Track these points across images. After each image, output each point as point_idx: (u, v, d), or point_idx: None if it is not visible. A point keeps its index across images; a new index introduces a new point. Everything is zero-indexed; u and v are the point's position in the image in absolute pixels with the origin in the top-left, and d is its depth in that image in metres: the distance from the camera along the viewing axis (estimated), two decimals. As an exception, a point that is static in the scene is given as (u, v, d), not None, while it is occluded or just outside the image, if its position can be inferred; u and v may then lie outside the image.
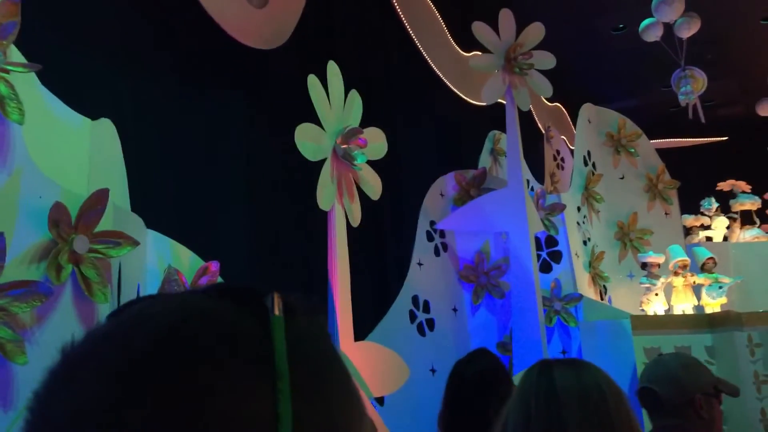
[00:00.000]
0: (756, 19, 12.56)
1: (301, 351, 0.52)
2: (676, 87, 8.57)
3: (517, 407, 1.32)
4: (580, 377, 1.34)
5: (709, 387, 2.00)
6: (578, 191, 7.33)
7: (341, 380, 0.56)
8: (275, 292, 0.55)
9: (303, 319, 0.57)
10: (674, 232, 7.79)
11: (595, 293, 6.99)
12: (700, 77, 8.48)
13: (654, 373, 2.02)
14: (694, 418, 1.89)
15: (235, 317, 0.52)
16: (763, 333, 6.12)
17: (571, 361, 1.45)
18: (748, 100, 15.51)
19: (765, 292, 7.38)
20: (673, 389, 1.91)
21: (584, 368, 1.39)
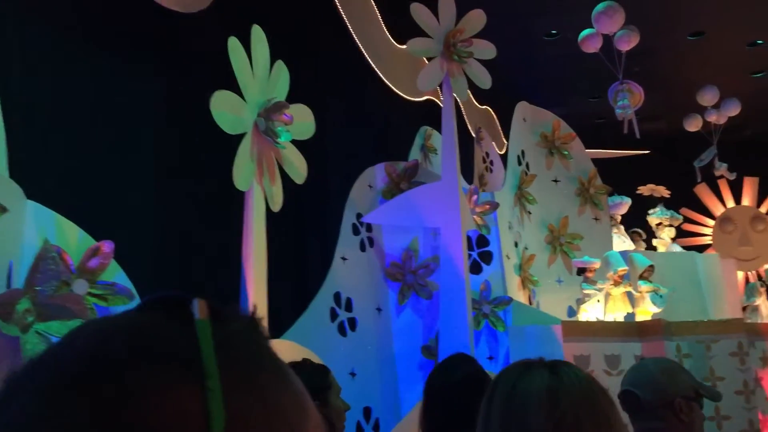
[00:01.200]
0: (683, 35, 12.79)
1: (231, 351, 0.53)
2: (613, 100, 8.47)
3: (487, 410, 1.28)
4: (550, 380, 1.30)
5: (690, 391, 2.02)
6: (511, 191, 7.07)
7: (278, 377, 0.56)
8: (200, 298, 0.54)
9: (235, 323, 0.57)
10: (603, 238, 7.65)
11: (524, 297, 6.74)
12: (637, 92, 8.42)
13: (635, 377, 2.05)
14: (674, 422, 1.92)
15: (160, 326, 0.54)
16: (691, 343, 6.00)
17: (546, 363, 1.39)
18: (671, 115, 15.85)
19: (687, 303, 7.34)
20: (654, 393, 1.94)
21: (556, 371, 1.35)
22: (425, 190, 5.75)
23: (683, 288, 7.41)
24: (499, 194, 6.61)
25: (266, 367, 0.55)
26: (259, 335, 0.58)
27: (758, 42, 12.81)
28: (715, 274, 8.51)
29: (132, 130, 4.16)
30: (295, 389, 0.57)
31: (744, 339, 5.96)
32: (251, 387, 0.52)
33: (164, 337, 0.53)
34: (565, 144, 7.74)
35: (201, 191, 4.45)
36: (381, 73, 8.44)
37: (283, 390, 0.55)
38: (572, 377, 1.36)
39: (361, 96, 7.53)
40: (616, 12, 8.59)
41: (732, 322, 6.20)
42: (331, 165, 6.08)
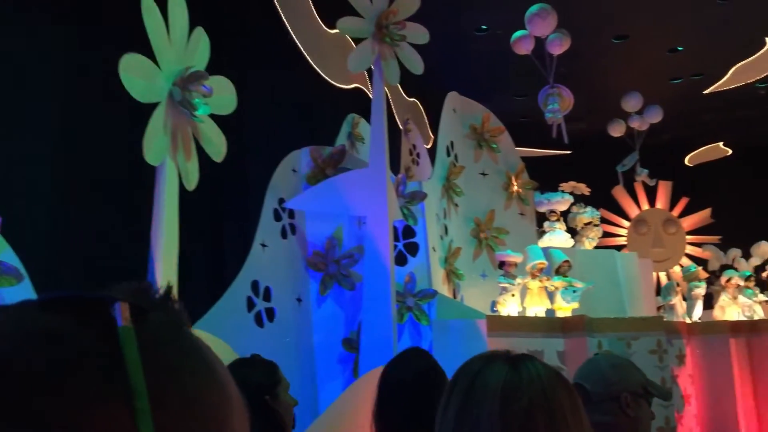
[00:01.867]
0: (608, 38, 13.01)
1: (156, 357, 0.50)
2: (543, 104, 8.44)
3: (445, 403, 1.27)
4: (507, 374, 1.27)
5: (638, 387, 2.05)
6: (439, 182, 6.91)
7: (205, 376, 0.54)
8: (122, 300, 0.49)
9: (155, 319, 0.53)
10: (528, 233, 7.61)
11: (449, 291, 6.60)
12: (567, 96, 8.41)
13: (585, 371, 2.10)
14: (620, 416, 1.97)
15: (76, 335, 0.49)
16: (612, 340, 6.00)
17: (508, 356, 1.35)
18: (593, 117, 16.17)
19: (607, 300, 7.39)
20: (602, 386, 1.99)
21: (515, 365, 1.31)
22: (352, 176, 5.51)
23: (603, 285, 7.45)
24: (427, 185, 6.44)
25: (194, 369, 0.53)
26: (181, 326, 0.55)
27: (678, 48, 13.17)
28: (633, 272, 8.64)
29: (26, 93, 3.73)
30: (220, 383, 0.54)
31: (663, 337, 6.00)
32: (180, 396, 0.50)
33: (85, 351, 0.48)
34: (494, 137, 7.65)
35: (107, 165, 4.06)
36: (309, 56, 8.14)
37: (210, 388, 0.53)
38: (533, 372, 1.32)
39: (287, 78, 7.22)
40: (549, 15, 8.57)
41: (652, 320, 6.25)
42: (252, 146, 5.76)
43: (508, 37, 12.06)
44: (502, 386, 1.25)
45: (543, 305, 6.33)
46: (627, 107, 11.22)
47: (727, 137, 16.98)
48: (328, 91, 8.10)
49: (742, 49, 12.66)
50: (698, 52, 13.05)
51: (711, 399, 6.32)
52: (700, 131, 16.65)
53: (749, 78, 13.63)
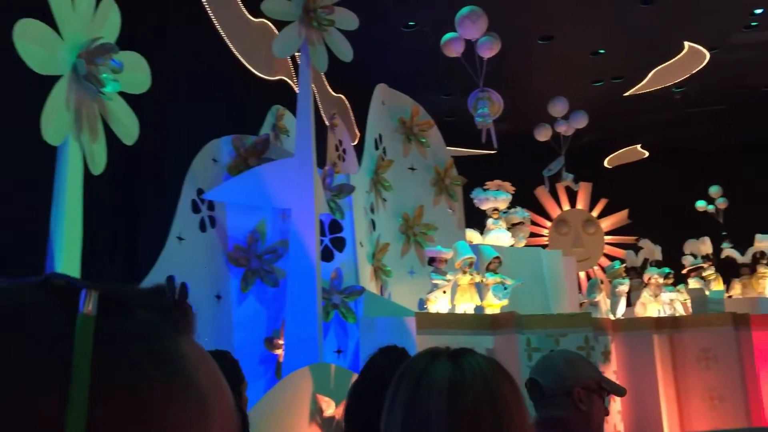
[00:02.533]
0: (534, 38, 13.13)
1: (118, 354, 0.49)
2: (473, 108, 8.31)
3: (391, 400, 1.26)
4: (453, 370, 1.27)
5: (592, 383, 2.08)
6: (367, 175, 6.69)
7: (175, 390, 0.51)
8: (95, 288, 0.48)
9: (140, 317, 0.52)
10: (457, 230, 7.49)
11: (376, 288, 6.39)
12: (497, 101, 8.32)
13: (540, 366, 2.14)
14: (573, 410, 2.00)
15: (48, 315, 0.48)
16: (541, 337, 5.93)
17: (452, 351, 1.35)
18: (517, 117, 16.33)
19: (532, 297, 7.36)
20: (555, 381, 2.02)
21: (460, 360, 1.30)
22: (276, 167, 5.23)
23: (529, 283, 7.42)
24: (355, 178, 6.22)
25: (163, 376, 0.50)
26: (165, 330, 0.53)
27: (600, 51, 13.42)
28: (557, 270, 8.68)
29: None
30: (196, 400, 0.52)
31: (590, 333, 5.98)
32: (132, 397, 0.48)
33: (45, 327, 0.48)
34: (423, 131, 7.50)
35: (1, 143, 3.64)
36: (232, 45, 7.79)
37: (179, 401, 0.51)
38: (474, 367, 1.30)
39: (209, 64, 6.86)
40: (479, 18, 8.48)
41: (580, 317, 6.22)
42: (170, 132, 5.39)
43: (436, 35, 11.98)
44: (448, 384, 1.24)
45: (473, 302, 6.21)
46: (553, 112, 11.30)
47: (644, 140, 17.48)
48: (252, 81, 7.76)
49: (661, 52, 13.00)
50: (620, 55, 13.33)
51: (635, 395, 6.35)
52: (619, 134, 17.08)
53: (668, 81, 14.03)
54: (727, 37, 12.45)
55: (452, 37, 8.41)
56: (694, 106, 15.65)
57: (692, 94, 15.07)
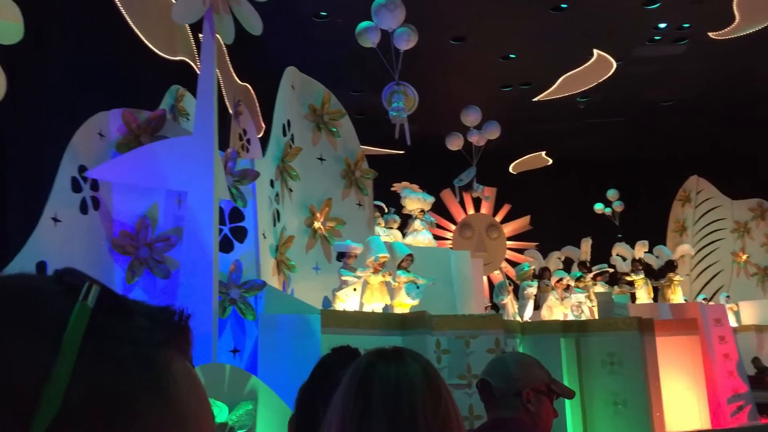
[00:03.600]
0: (447, 38, 13.00)
1: (104, 348, 0.51)
2: (387, 101, 7.95)
3: (338, 401, 1.27)
4: (396, 370, 1.27)
5: (541, 385, 2.10)
6: (274, 162, 6.23)
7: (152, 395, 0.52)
8: (97, 284, 0.52)
9: (137, 324, 0.54)
10: (366, 225, 7.15)
11: (278, 283, 5.94)
12: (412, 96, 8.00)
13: (492, 368, 2.14)
14: (521, 412, 2.02)
15: (48, 298, 0.52)
16: (450, 339, 5.67)
17: (394, 352, 1.35)
18: (426, 118, 16.21)
19: (440, 297, 7.14)
20: (506, 382, 2.03)
21: (402, 360, 1.31)
22: (172, 144, 4.70)
23: (436, 283, 7.18)
24: (260, 164, 5.75)
25: (143, 379, 0.52)
26: (161, 343, 0.54)
27: (511, 56, 13.47)
28: (465, 271, 8.52)
29: None
30: (179, 411, 0.54)
31: (501, 335, 5.77)
32: (111, 393, 0.50)
33: (47, 311, 0.51)
34: (334, 120, 7.11)
35: None
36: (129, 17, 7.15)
37: (156, 408, 0.52)
38: (418, 367, 1.35)
39: (103, 31, 6.20)
40: (397, 7, 8.15)
41: (491, 318, 6.00)
42: (50, 98, 4.75)
43: (348, 27, 11.63)
44: (427, 381, 1.27)
45: (383, 301, 5.88)
46: (466, 121, 11.12)
47: (549, 147, 17.80)
48: (150, 57, 7.14)
49: (570, 59, 13.18)
50: (529, 61, 13.42)
51: (541, 399, 6.20)
52: (524, 140, 17.30)
53: (576, 89, 14.26)
54: (631, 49, 12.76)
55: (368, 26, 8.06)
56: (596, 117, 16.05)
57: (595, 105, 15.43)
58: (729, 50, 12.48)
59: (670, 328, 6.93)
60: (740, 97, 14.59)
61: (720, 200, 16.80)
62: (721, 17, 11.33)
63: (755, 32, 11.59)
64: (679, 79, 13.95)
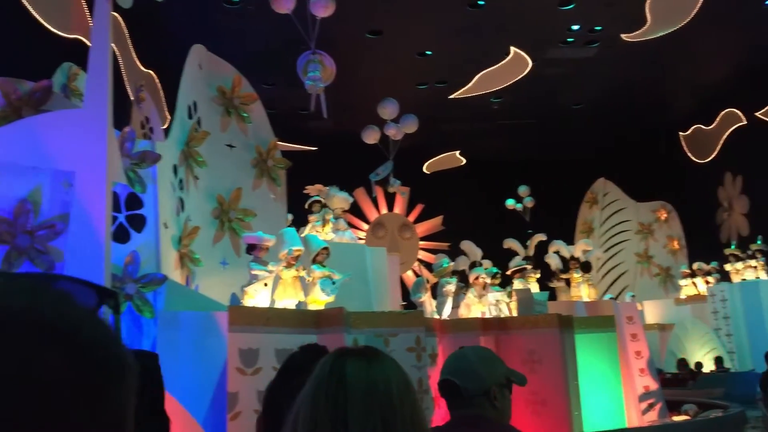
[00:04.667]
0: (363, 31, 12.68)
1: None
2: (303, 71, 7.46)
3: (308, 399, 1.24)
4: (369, 369, 1.25)
5: (503, 378, 2.07)
6: (178, 146, 5.69)
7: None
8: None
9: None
10: (278, 218, 6.70)
11: (181, 277, 5.42)
12: (329, 66, 7.55)
13: (456, 366, 2.05)
14: (489, 408, 2.00)
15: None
16: (369, 337, 5.31)
17: (365, 354, 1.30)
18: (340, 115, 15.82)
19: (355, 294, 6.81)
20: (473, 381, 1.99)
21: (376, 359, 1.29)
22: (58, 118, 4.14)
23: (352, 279, 6.84)
24: (162, 147, 5.22)
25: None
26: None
27: (427, 53, 13.31)
28: (381, 268, 8.22)
29: None
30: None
31: (422, 333, 5.47)
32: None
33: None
34: (246, 105, 6.62)
35: None
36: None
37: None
38: (387, 366, 1.31)
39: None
40: None
41: (412, 316, 5.68)
42: None
43: (259, 15, 11.12)
44: (404, 382, 1.26)
45: (296, 297, 5.46)
46: (383, 114, 10.74)
47: (463, 147, 17.79)
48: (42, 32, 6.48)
49: (486, 58, 13.13)
50: (446, 58, 13.29)
51: (461, 400, 5.95)
52: (439, 140, 17.22)
53: (491, 87, 14.24)
54: (545, 50, 12.85)
55: (284, -10, 7.59)
56: (508, 118, 16.15)
57: (508, 106, 15.52)
58: (638, 54, 12.76)
59: (589, 326, 6.85)
60: (647, 101, 15.00)
61: (625, 202, 17.26)
62: (633, 19, 11.53)
63: (665, 36, 11.86)
64: (590, 82, 14.19)
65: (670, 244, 16.61)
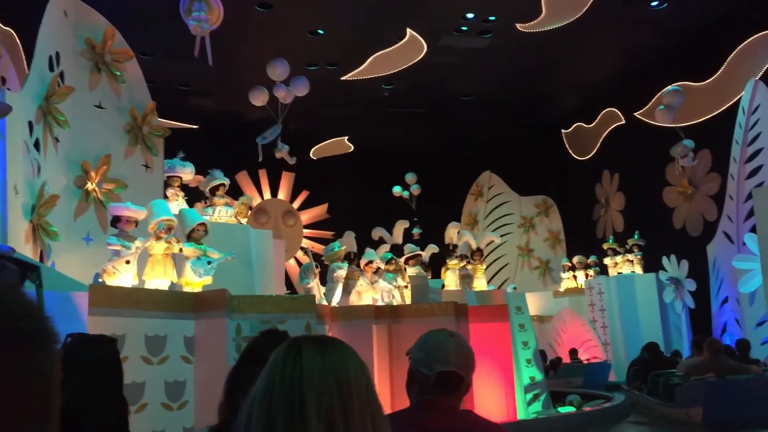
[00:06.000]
0: (252, 4, 11.96)
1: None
2: (186, 11, 6.67)
3: (263, 383, 1.20)
4: (325, 351, 1.21)
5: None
6: (34, 101, 4.89)
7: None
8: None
9: None
10: (154, 191, 5.99)
11: (34, 252, 4.64)
12: (216, 7, 6.79)
13: (461, 359, 1.93)
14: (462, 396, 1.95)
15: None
16: (255, 323, 4.78)
17: (321, 339, 1.27)
18: (225, 92, 15.00)
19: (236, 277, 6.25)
20: (470, 372, 1.96)
21: (332, 343, 1.25)
22: None
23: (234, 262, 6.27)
24: (14, 98, 4.43)
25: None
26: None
27: (319, 31, 12.76)
28: (267, 252, 7.68)
29: None
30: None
31: (314, 320, 5.00)
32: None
33: None
34: (119, 63, 5.87)
35: None
36: None
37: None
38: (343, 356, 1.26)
39: None
40: None
41: (303, 300, 5.19)
42: None
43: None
44: (364, 374, 1.21)
45: (167, 278, 4.82)
46: (273, 75, 10.02)
47: (352, 133, 17.39)
48: None
49: (379, 41, 12.76)
50: (338, 38, 12.80)
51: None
52: (327, 125, 16.73)
53: (384, 71, 13.89)
54: (438, 37, 12.65)
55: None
56: (399, 106, 15.91)
57: (399, 94, 15.26)
58: (528, 49, 12.83)
59: (483, 315, 6.63)
60: (535, 96, 15.20)
61: (509, 195, 17.50)
62: (528, 10, 11.52)
63: (555, 32, 11.97)
64: (480, 73, 14.16)
65: (550, 238, 17.01)
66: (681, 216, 13.03)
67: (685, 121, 12.19)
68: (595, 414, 7.56)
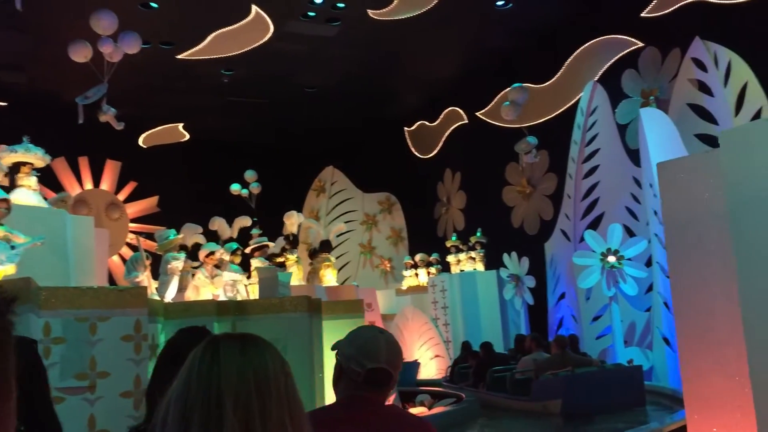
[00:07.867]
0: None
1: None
2: None
3: (180, 381, 1.17)
4: (244, 348, 1.19)
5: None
6: None
7: None
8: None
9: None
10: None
11: None
12: None
13: (392, 357, 1.94)
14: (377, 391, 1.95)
15: None
16: (68, 321, 3.89)
17: (240, 336, 1.23)
18: (36, 67, 13.30)
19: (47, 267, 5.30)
20: (398, 369, 1.96)
21: (251, 340, 1.22)
22: None
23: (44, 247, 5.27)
24: None
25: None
26: None
27: (152, 5, 11.58)
28: (86, 241, 6.66)
29: None
30: None
31: (144, 317, 4.17)
32: None
33: None
34: None
35: None
36: None
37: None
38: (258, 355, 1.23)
39: None
40: None
41: (132, 294, 4.31)
42: None
43: None
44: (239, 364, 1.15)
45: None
46: (97, 28, 8.61)
47: (187, 121, 16.19)
48: None
49: (220, 20, 11.83)
50: (173, 13, 11.69)
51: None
52: (159, 110, 15.41)
53: (227, 50, 12.90)
54: (284, 22, 11.98)
55: None
56: (239, 94, 15.00)
57: (240, 81, 14.36)
58: (375, 42, 12.52)
59: (336, 311, 6.07)
60: (380, 91, 14.94)
61: (352, 192, 17.15)
62: (380, -1, 11.17)
63: (402, 25, 11.72)
64: (326, 64, 13.65)
65: (393, 236, 16.86)
66: (519, 215, 13.32)
67: (526, 121, 12.45)
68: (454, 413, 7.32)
